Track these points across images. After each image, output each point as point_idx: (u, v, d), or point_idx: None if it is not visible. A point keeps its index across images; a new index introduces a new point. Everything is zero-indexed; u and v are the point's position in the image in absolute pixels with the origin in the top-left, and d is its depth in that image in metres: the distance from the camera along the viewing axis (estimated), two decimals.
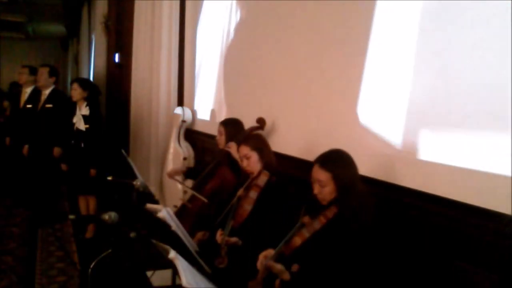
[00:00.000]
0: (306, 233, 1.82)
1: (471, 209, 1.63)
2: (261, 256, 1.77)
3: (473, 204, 1.63)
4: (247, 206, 2.28)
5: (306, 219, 1.82)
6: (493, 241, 1.56)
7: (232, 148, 2.76)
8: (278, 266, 1.73)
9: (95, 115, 3.98)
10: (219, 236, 2.17)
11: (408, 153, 1.95)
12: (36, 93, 4.78)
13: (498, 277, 1.54)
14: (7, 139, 5.30)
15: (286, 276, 1.73)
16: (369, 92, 2.21)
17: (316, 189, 1.82)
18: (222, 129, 2.95)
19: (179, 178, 3.21)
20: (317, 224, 1.82)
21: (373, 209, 1.78)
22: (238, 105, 3.62)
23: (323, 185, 1.79)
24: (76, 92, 3.96)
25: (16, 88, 7.92)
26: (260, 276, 1.75)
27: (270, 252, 1.77)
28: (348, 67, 2.37)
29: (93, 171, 3.88)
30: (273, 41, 3.10)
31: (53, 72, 4.61)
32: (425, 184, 1.85)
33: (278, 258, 1.76)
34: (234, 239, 2.13)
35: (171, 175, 3.19)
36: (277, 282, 1.77)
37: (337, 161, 1.81)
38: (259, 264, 1.75)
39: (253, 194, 2.29)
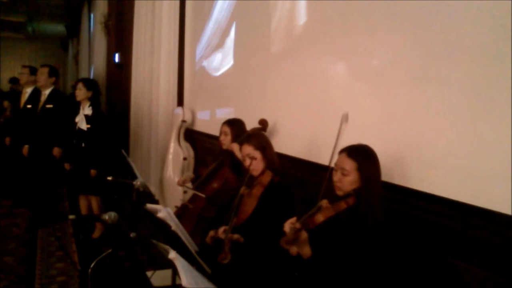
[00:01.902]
0: (330, 212, 1.79)
1: (471, 209, 1.64)
2: (288, 222, 1.74)
3: (473, 204, 1.63)
4: (251, 204, 2.28)
5: (324, 202, 1.80)
6: (493, 241, 1.56)
7: (235, 148, 2.76)
8: (306, 234, 1.71)
9: (98, 115, 3.98)
10: (221, 232, 2.16)
11: (409, 153, 1.95)
12: (37, 93, 4.77)
13: (498, 277, 1.54)
14: (7, 139, 5.30)
15: (307, 251, 1.72)
16: (369, 92, 2.21)
17: (337, 177, 1.82)
18: (228, 129, 2.94)
19: (189, 185, 3.20)
20: (339, 208, 1.81)
21: (385, 213, 1.77)
22: (240, 106, 3.62)
23: (346, 174, 1.79)
24: (80, 92, 3.96)
25: (15, 82, 7.90)
26: (291, 237, 1.70)
27: (295, 219, 1.74)
28: (349, 68, 2.37)
29: (93, 172, 3.88)
30: (275, 42, 3.09)
31: (53, 72, 4.61)
32: (426, 184, 1.85)
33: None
34: (236, 236, 2.13)
35: (181, 184, 3.18)
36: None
37: (364, 153, 1.82)
38: (288, 226, 1.71)
39: (257, 192, 2.29)
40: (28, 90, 5.00)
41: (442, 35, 1.79)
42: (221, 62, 4.02)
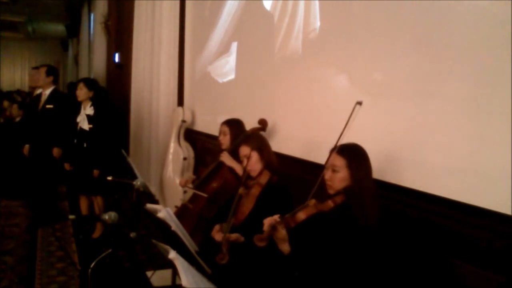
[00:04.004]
0: (313, 210, 1.81)
1: (470, 209, 1.64)
2: (268, 218, 1.77)
3: (472, 204, 1.63)
4: (249, 204, 2.28)
5: (311, 202, 1.81)
6: (493, 241, 1.56)
7: (224, 157, 2.77)
8: (284, 232, 1.73)
9: (100, 115, 3.98)
10: (216, 232, 2.15)
11: (408, 153, 1.95)
12: (40, 93, 4.76)
13: (498, 277, 1.54)
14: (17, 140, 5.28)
15: (286, 248, 1.74)
16: (368, 92, 2.21)
17: (328, 175, 1.83)
18: (227, 129, 2.94)
19: (190, 185, 3.21)
20: (325, 207, 1.82)
21: (379, 212, 1.77)
22: (239, 106, 3.62)
23: (336, 170, 1.80)
24: (81, 92, 3.96)
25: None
26: (266, 233, 1.74)
27: (277, 216, 1.76)
28: (348, 68, 2.37)
29: (96, 172, 3.88)
30: (278, 46, 3.09)
31: (50, 71, 4.57)
32: (425, 184, 1.85)
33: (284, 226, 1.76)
34: (235, 236, 2.13)
35: (183, 185, 3.18)
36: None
37: (354, 151, 1.83)
38: (266, 222, 1.75)
39: (255, 192, 2.30)
40: (38, 92, 4.98)
41: (443, 49, 1.80)
42: (222, 63, 4.02)
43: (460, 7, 1.71)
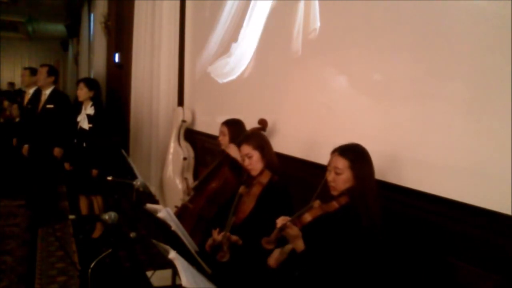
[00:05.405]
0: (318, 212, 1.82)
1: (471, 209, 1.64)
2: (279, 219, 1.79)
3: (473, 204, 1.63)
4: (250, 203, 2.28)
5: (316, 203, 1.82)
6: (493, 241, 1.56)
7: (232, 149, 2.76)
8: (296, 229, 1.74)
9: (100, 115, 3.98)
10: (216, 234, 2.15)
11: (408, 153, 1.95)
12: (39, 94, 4.77)
13: (498, 277, 1.54)
14: (14, 140, 5.29)
15: (301, 245, 1.74)
16: (368, 93, 2.21)
17: (331, 177, 1.83)
18: (225, 130, 2.94)
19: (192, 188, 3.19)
20: (329, 207, 1.83)
21: (381, 212, 1.77)
22: (239, 106, 3.62)
23: (339, 173, 1.80)
24: (82, 92, 3.97)
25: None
26: (275, 234, 1.75)
27: (287, 218, 1.78)
28: (348, 68, 2.37)
29: (94, 171, 3.88)
30: (279, 47, 3.09)
31: (51, 71, 4.59)
32: (425, 184, 1.85)
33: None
34: (235, 237, 2.13)
35: (189, 194, 3.17)
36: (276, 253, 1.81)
37: (356, 152, 1.83)
38: (278, 222, 1.77)
39: (256, 191, 2.29)
40: (30, 91, 5.00)
41: (443, 50, 1.80)
42: (222, 64, 4.02)
43: (460, 7, 1.72)
